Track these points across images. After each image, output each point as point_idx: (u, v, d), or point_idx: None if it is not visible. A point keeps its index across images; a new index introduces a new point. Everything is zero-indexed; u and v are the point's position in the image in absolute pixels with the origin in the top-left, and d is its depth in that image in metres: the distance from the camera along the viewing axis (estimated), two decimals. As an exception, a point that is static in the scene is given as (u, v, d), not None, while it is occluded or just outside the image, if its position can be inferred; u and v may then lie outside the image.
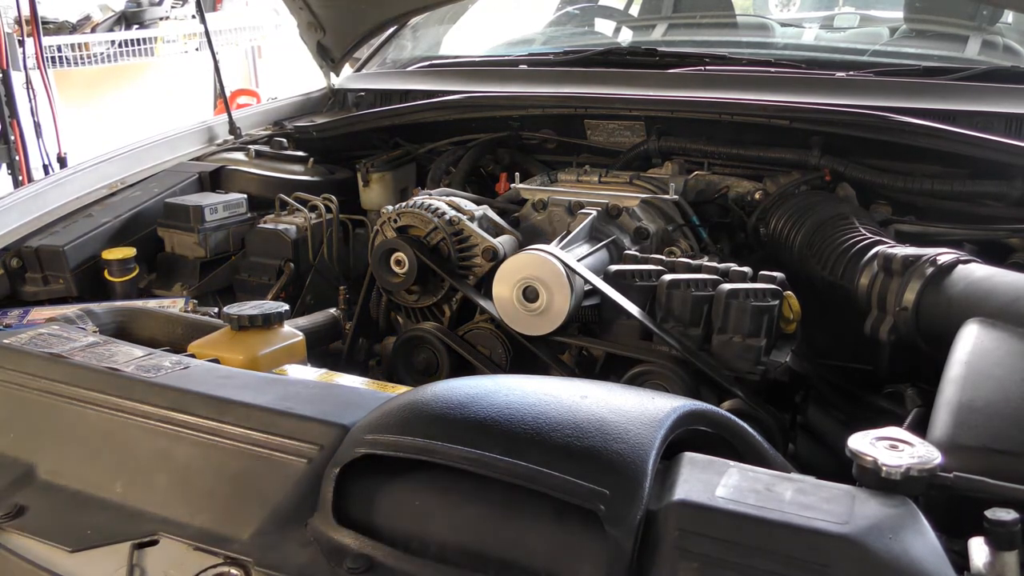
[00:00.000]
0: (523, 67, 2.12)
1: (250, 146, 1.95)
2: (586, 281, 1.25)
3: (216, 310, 1.43)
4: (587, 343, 1.27)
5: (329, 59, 2.16)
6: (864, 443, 0.69)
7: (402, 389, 0.92)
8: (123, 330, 1.21)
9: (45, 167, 4.43)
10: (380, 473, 0.72)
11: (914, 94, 1.66)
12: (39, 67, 4.49)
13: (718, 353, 1.17)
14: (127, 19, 6.11)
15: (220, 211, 1.65)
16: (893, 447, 0.68)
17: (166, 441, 0.81)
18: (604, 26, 2.71)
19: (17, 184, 4.24)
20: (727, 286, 1.17)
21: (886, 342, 1.20)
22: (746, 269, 1.23)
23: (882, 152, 1.59)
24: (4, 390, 0.92)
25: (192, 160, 1.88)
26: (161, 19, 6.36)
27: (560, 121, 1.86)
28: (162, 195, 1.70)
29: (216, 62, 2.20)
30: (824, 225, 1.43)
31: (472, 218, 1.45)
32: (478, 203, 1.53)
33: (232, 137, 2.01)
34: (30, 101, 4.40)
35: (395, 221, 1.44)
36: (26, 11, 4.27)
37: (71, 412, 0.88)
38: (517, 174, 1.67)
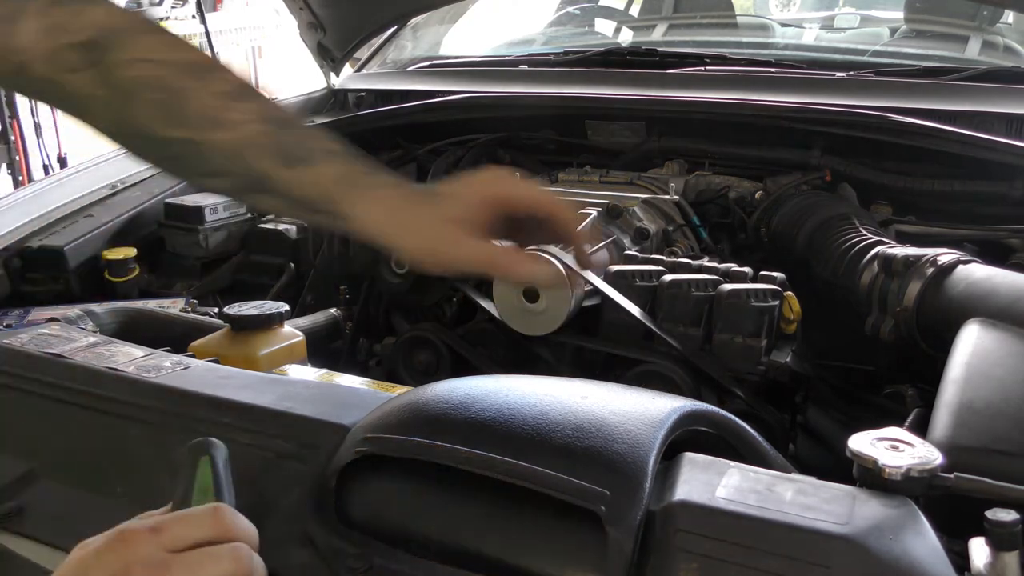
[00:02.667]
0: (523, 67, 2.12)
1: (250, 146, 1.95)
2: (586, 281, 1.25)
3: (216, 310, 1.43)
4: (587, 343, 1.27)
5: (329, 59, 2.16)
6: (865, 443, 0.69)
7: (402, 389, 0.92)
8: (123, 330, 1.21)
9: (45, 167, 4.43)
10: (380, 473, 0.72)
11: (914, 94, 1.65)
12: (40, 67, 4.48)
13: (718, 353, 1.17)
14: (127, 19, 6.09)
15: (221, 211, 1.65)
16: (894, 447, 0.68)
17: (167, 441, 0.81)
18: (604, 26, 2.71)
19: (17, 184, 4.24)
20: (727, 286, 1.17)
21: (887, 342, 1.20)
22: (746, 269, 1.23)
23: (882, 152, 1.59)
24: (4, 390, 0.92)
25: (192, 160, 1.88)
26: (161, 20, 6.35)
27: (561, 122, 1.86)
28: (163, 195, 1.69)
29: (216, 62, 2.20)
30: (824, 225, 1.43)
31: (472, 218, 1.45)
32: (478, 203, 1.53)
33: (232, 137, 2.01)
34: (30, 101, 4.40)
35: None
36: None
37: (71, 412, 0.88)
38: (517, 174, 1.67)
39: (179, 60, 0.79)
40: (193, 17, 6.04)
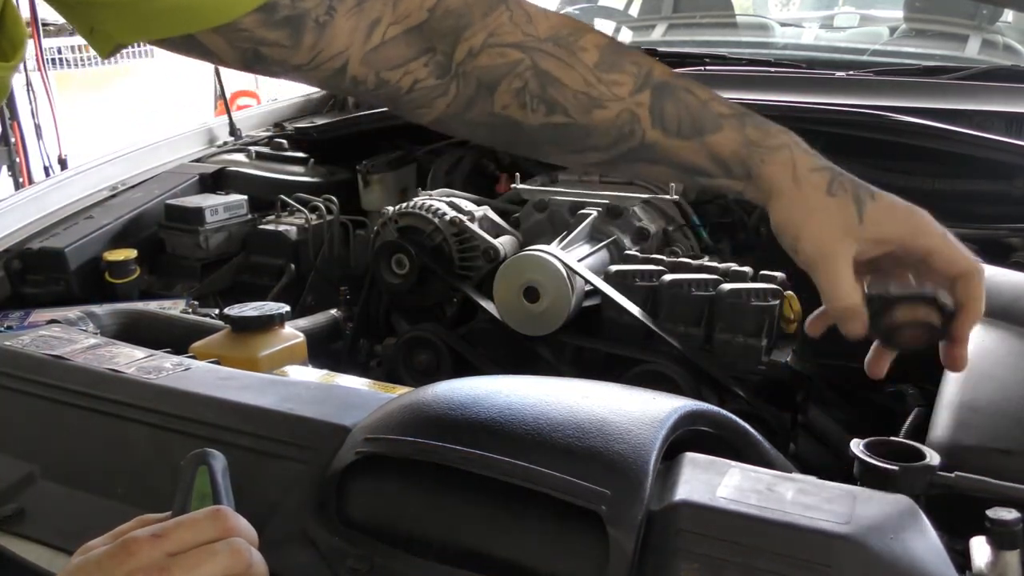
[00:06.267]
0: (523, 67, 2.11)
1: (250, 147, 1.95)
2: (587, 281, 1.25)
3: (217, 311, 1.43)
4: (587, 343, 1.27)
5: (329, 60, 2.15)
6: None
7: (403, 390, 0.92)
8: (124, 331, 1.21)
9: (46, 169, 4.43)
10: (381, 474, 0.72)
11: (914, 93, 1.65)
12: (39, 69, 4.50)
13: (719, 353, 1.17)
14: (127, 20, 6.10)
15: (221, 212, 1.65)
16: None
17: (167, 443, 0.81)
18: (604, 26, 2.71)
19: (18, 186, 4.24)
20: (728, 286, 1.17)
21: (887, 342, 1.20)
22: (747, 269, 1.23)
23: (882, 151, 1.59)
24: (5, 391, 0.92)
25: (193, 161, 1.88)
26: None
27: (560, 121, 1.86)
28: (163, 196, 1.69)
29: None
30: (825, 225, 1.42)
31: (473, 219, 1.45)
32: (479, 204, 1.53)
33: (232, 139, 2.01)
34: (30, 103, 4.40)
35: (396, 222, 1.44)
36: (26, 13, 4.27)
37: (72, 414, 0.88)
38: (518, 174, 1.67)
39: (537, 36, 0.72)
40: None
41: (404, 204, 1.46)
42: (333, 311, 1.50)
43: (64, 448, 0.87)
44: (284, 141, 1.98)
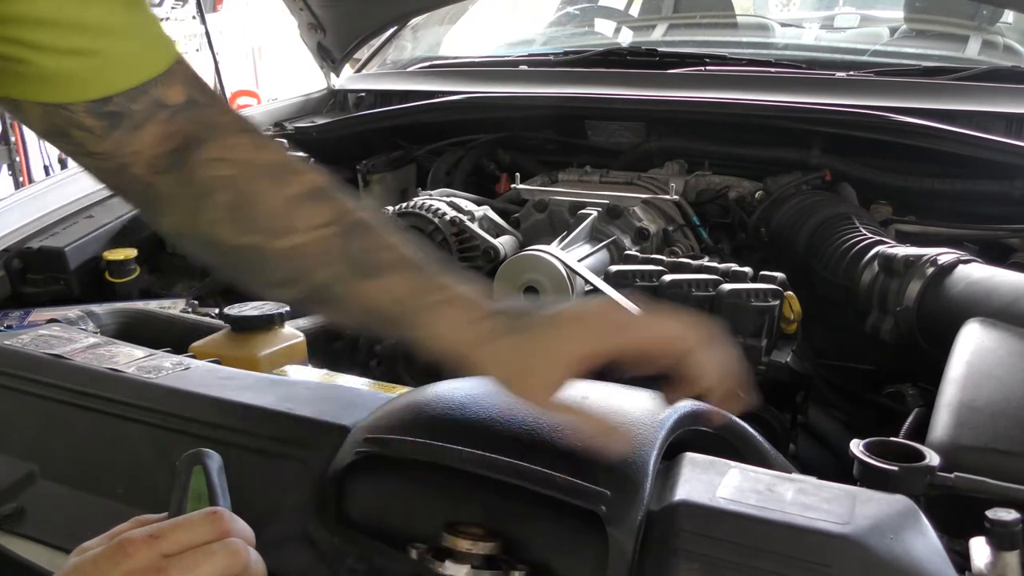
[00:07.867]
0: (523, 67, 2.12)
1: (250, 147, 1.94)
2: (587, 281, 1.25)
3: (217, 311, 1.43)
4: (588, 343, 1.27)
5: (329, 60, 2.16)
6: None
7: (403, 389, 0.92)
8: (124, 331, 1.21)
9: (46, 168, 4.43)
10: (381, 473, 0.72)
11: (914, 94, 1.65)
12: (40, 68, 4.48)
13: (719, 353, 1.17)
14: (127, 20, 6.08)
15: (221, 212, 1.64)
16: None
17: (167, 442, 0.81)
18: (604, 26, 2.71)
19: (18, 185, 4.24)
20: (727, 286, 1.17)
21: (887, 342, 1.20)
22: (747, 269, 1.23)
23: (883, 152, 1.59)
24: (5, 391, 0.92)
25: (193, 161, 1.88)
26: (161, 20, 6.33)
27: (560, 122, 1.86)
28: (163, 196, 1.69)
29: (216, 63, 2.20)
30: (825, 225, 1.43)
31: (473, 218, 1.45)
32: (479, 203, 1.53)
33: (232, 138, 2.00)
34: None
35: (396, 222, 1.44)
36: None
37: (72, 413, 0.88)
38: (517, 174, 1.67)
39: (257, 161, 0.75)
40: (193, 18, 6.04)
41: (404, 204, 1.46)
42: (333, 311, 1.49)
43: (64, 448, 0.87)
44: (284, 141, 1.98)
